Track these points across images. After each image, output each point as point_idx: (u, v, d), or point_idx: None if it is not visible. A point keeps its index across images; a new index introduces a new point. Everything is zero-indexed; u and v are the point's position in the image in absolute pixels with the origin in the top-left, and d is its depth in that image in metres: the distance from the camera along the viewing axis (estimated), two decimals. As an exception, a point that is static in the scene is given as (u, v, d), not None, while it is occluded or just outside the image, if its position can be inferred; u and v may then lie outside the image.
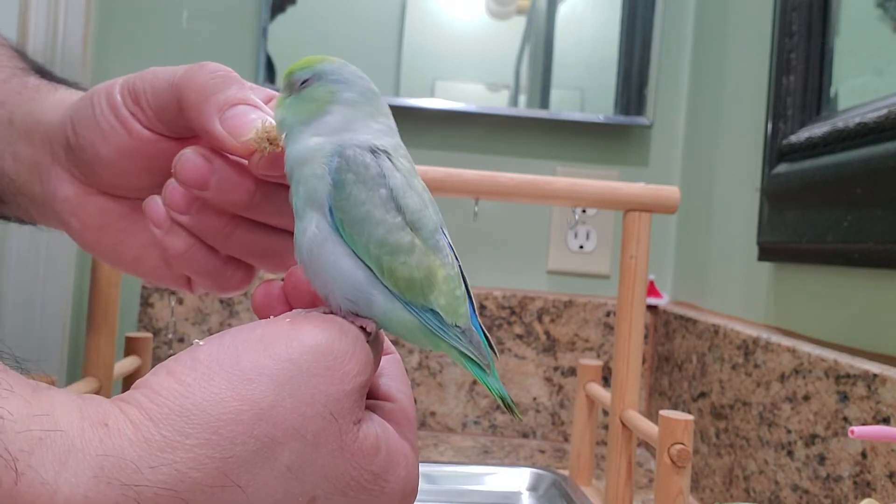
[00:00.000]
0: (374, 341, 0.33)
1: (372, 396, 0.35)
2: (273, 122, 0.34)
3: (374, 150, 0.33)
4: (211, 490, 0.26)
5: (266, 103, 0.37)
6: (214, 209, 0.36)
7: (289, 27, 1.11)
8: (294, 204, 0.33)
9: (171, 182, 0.36)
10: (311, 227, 0.32)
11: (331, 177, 0.32)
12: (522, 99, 1.14)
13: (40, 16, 0.99)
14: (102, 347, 0.67)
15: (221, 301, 1.09)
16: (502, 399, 0.34)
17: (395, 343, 1.11)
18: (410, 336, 0.34)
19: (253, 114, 0.35)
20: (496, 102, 1.14)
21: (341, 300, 0.32)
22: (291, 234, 0.37)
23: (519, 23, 1.14)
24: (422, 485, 0.86)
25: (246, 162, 0.36)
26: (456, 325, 0.33)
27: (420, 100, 1.11)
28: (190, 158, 0.35)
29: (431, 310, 0.33)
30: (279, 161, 0.34)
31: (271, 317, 0.32)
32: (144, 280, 0.43)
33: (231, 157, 0.36)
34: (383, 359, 0.36)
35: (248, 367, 0.28)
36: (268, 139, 0.34)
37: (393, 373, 0.37)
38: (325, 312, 0.32)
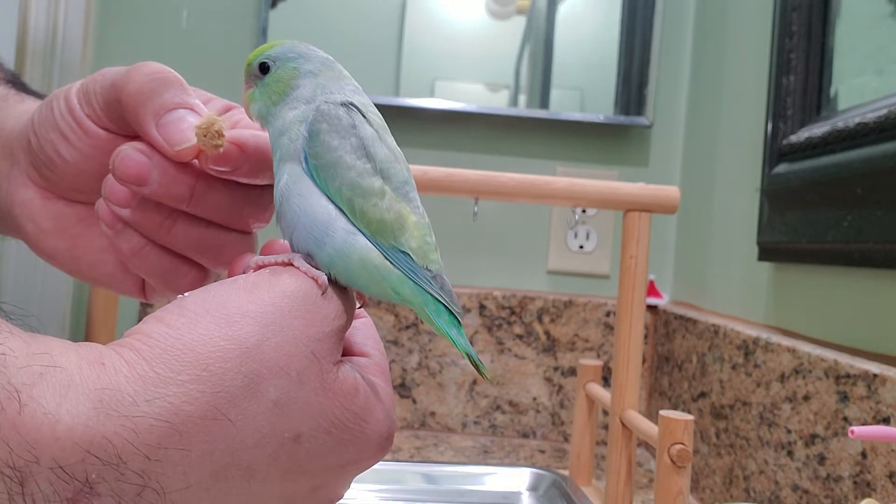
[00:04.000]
0: (347, 292, 0.33)
1: (347, 353, 0.36)
2: (212, 116, 0.35)
3: (346, 105, 0.34)
4: (203, 422, 0.28)
5: (206, 104, 0.38)
6: (156, 203, 0.37)
7: (288, 28, 1.11)
8: (274, 168, 0.35)
9: (110, 177, 0.36)
10: (284, 176, 0.34)
11: (306, 128, 0.34)
12: (522, 99, 1.14)
13: (40, 15, 0.99)
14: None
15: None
16: (468, 356, 0.34)
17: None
18: (371, 280, 0.33)
19: (190, 117, 0.35)
20: (496, 102, 1.14)
21: (302, 237, 0.33)
22: (232, 229, 0.38)
23: (519, 23, 1.14)
24: (422, 485, 0.86)
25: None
26: (427, 269, 0.34)
27: (420, 100, 1.11)
28: (128, 155, 0.35)
29: (402, 251, 0.33)
30: (228, 157, 0.35)
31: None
32: (101, 288, 0.43)
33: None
34: (356, 321, 0.37)
35: (233, 310, 0.30)
36: (211, 139, 0.34)
37: (366, 332, 0.37)
38: (282, 262, 0.33)
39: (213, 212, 0.37)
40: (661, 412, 0.59)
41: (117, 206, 0.36)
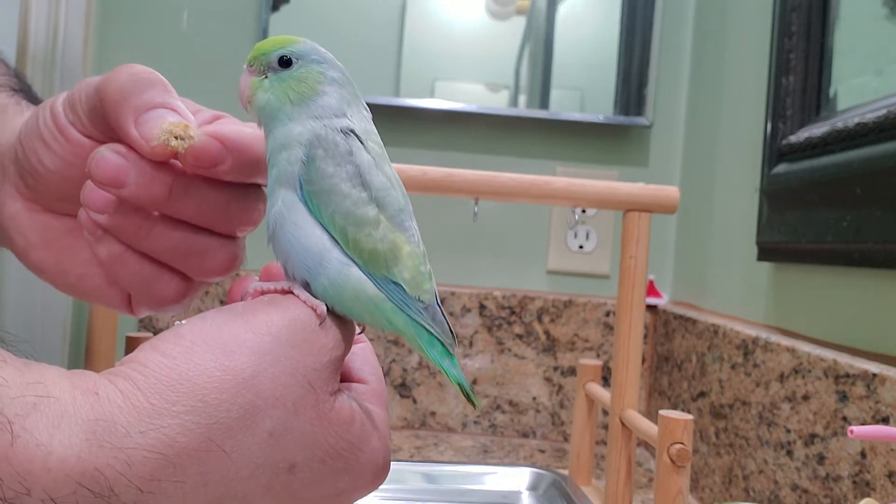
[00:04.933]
0: (345, 321, 0.33)
1: (345, 379, 0.36)
2: (182, 120, 0.34)
3: (345, 131, 0.34)
4: (197, 454, 0.27)
5: (194, 115, 0.37)
6: (132, 207, 0.36)
7: (288, 28, 1.11)
8: (268, 188, 0.34)
9: (89, 182, 0.35)
10: (279, 202, 0.33)
11: (304, 153, 0.33)
12: (522, 99, 1.14)
13: (40, 16, 1.00)
14: (102, 347, 0.67)
15: (221, 301, 1.09)
16: (460, 386, 0.34)
17: (391, 341, 1.11)
18: (363, 310, 0.33)
19: (171, 117, 0.34)
20: (496, 102, 1.14)
21: (297, 266, 0.33)
22: (213, 232, 0.37)
23: (519, 23, 1.14)
24: (422, 484, 0.86)
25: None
26: (419, 300, 0.33)
27: (420, 100, 1.11)
28: (104, 156, 0.34)
29: (395, 283, 0.33)
30: (206, 152, 0.34)
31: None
32: (89, 302, 0.42)
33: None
34: (355, 346, 0.37)
35: (230, 339, 0.29)
36: (173, 135, 0.33)
37: (365, 358, 0.37)
38: (281, 289, 0.33)
39: (194, 213, 0.36)
40: (661, 412, 0.59)
41: (95, 212, 0.35)
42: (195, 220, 0.37)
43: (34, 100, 0.45)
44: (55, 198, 0.39)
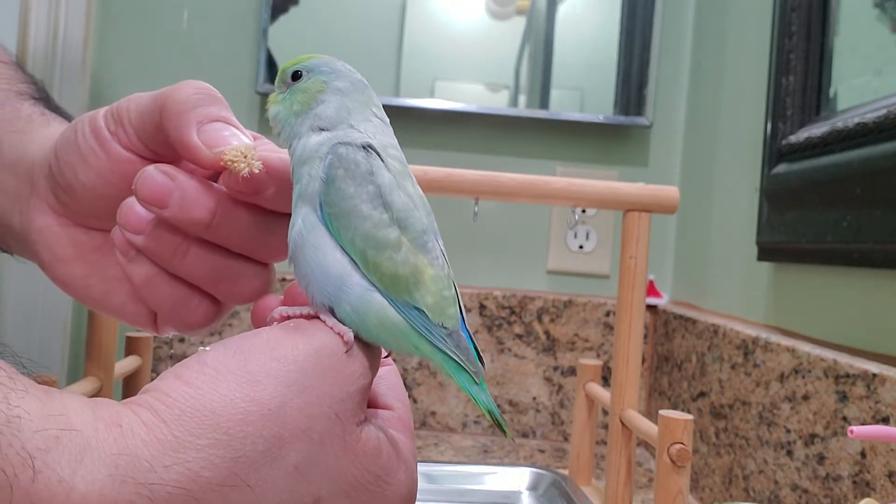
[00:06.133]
0: (373, 348, 0.33)
1: (371, 406, 0.35)
2: (248, 142, 0.34)
3: (366, 148, 0.33)
4: (221, 489, 0.27)
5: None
6: (170, 229, 0.36)
7: (289, 28, 1.11)
8: (293, 204, 0.34)
9: (127, 202, 0.36)
10: (299, 221, 0.33)
11: (323, 173, 0.32)
12: (522, 99, 1.14)
13: (40, 16, 1.00)
14: (103, 347, 0.67)
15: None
16: (490, 413, 0.32)
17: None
18: (389, 336, 0.32)
19: (227, 131, 0.35)
20: (496, 102, 1.14)
21: (318, 292, 0.32)
22: (249, 260, 0.37)
23: (519, 23, 1.14)
24: (422, 484, 0.86)
25: (210, 183, 0.36)
26: (442, 326, 0.32)
27: (420, 100, 1.11)
28: (151, 175, 0.34)
29: (417, 308, 0.32)
30: (253, 178, 0.34)
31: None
32: (112, 317, 0.42)
33: (193, 175, 0.35)
34: (381, 369, 0.36)
35: (256, 369, 0.29)
36: (243, 155, 0.33)
37: (391, 382, 0.37)
38: (305, 314, 0.32)
39: (231, 239, 0.36)
40: (661, 412, 0.59)
41: (131, 233, 0.36)
42: (232, 246, 0.37)
43: (55, 109, 0.45)
44: (87, 213, 0.39)
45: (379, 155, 0.33)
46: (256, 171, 0.33)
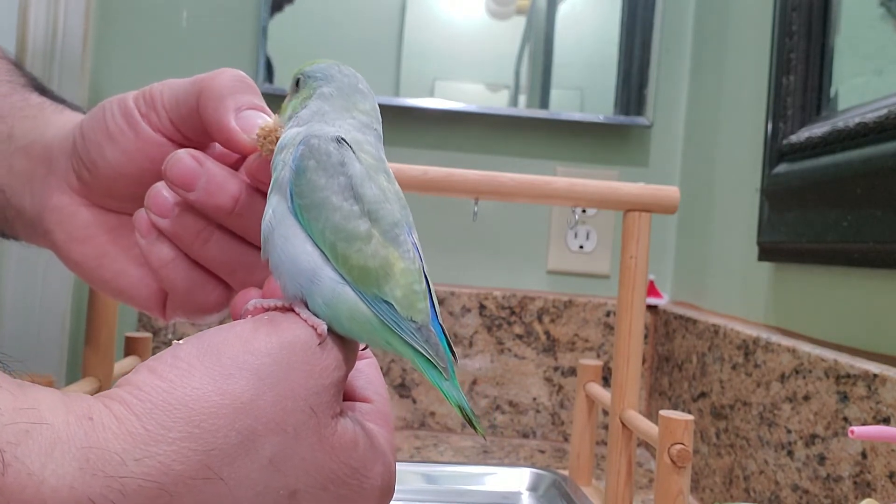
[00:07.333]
0: (348, 341, 0.33)
1: (349, 398, 0.35)
2: (278, 122, 0.36)
3: (337, 140, 0.33)
4: (193, 482, 0.27)
5: None
6: (195, 214, 0.37)
7: (288, 27, 1.11)
8: (269, 190, 0.34)
9: (155, 186, 0.37)
10: (270, 211, 0.33)
11: (294, 163, 0.33)
12: (522, 99, 1.14)
13: (40, 16, 0.99)
14: (102, 347, 0.67)
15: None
16: (461, 409, 0.32)
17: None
18: (361, 330, 0.32)
19: (261, 119, 0.37)
20: (496, 102, 1.14)
21: (290, 284, 0.32)
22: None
23: (519, 23, 1.14)
24: (421, 484, 0.86)
25: (235, 172, 0.37)
26: (412, 320, 0.32)
27: (420, 100, 1.11)
28: (182, 158, 0.36)
29: (386, 301, 0.32)
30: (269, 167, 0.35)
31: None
32: (121, 301, 0.43)
33: (220, 162, 0.37)
34: (360, 362, 0.36)
35: (228, 362, 0.29)
36: (266, 138, 0.35)
37: (370, 375, 0.37)
38: (280, 306, 0.32)
39: (251, 229, 0.37)
40: (661, 412, 0.59)
41: (157, 216, 0.37)
42: (251, 237, 0.38)
43: (62, 100, 0.47)
44: (106, 193, 0.40)
45: (351, 148, 0.33)
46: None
